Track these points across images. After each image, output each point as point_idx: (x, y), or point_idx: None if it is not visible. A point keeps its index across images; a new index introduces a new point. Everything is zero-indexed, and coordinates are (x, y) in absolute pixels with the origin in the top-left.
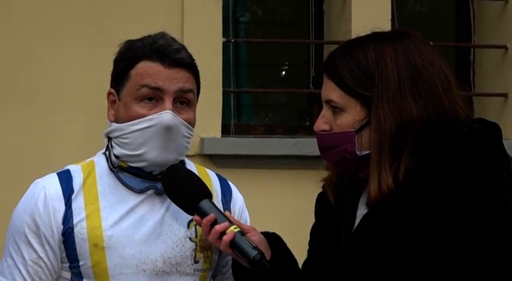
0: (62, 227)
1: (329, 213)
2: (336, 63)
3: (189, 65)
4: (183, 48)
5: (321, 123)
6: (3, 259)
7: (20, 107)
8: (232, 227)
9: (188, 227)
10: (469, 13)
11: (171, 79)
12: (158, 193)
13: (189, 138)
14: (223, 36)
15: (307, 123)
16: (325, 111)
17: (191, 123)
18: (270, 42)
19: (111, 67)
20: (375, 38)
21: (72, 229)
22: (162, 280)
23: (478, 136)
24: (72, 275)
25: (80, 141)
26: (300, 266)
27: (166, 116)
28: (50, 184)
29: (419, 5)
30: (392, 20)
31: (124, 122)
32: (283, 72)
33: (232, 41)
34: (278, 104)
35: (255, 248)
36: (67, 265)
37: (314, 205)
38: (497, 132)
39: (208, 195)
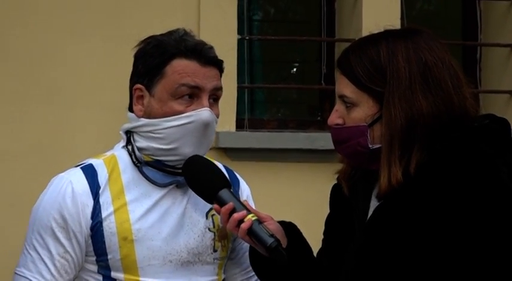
0: (90, 221)
1: (343, 204)
2: (349, 60)
3: (219, 64)
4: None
5: (335, 118)
6: (25, 251)
7: (43, 102)
8: (250, 216)
9: (206, 218)
10: (476, 12)
11: (207, 77)
12: (179, 186)
13: (214, 132)
14: (238, 34)
15: (319, 118)
16: (339, 106)
17: (218, 117)
18: (283, 40)
19: (129, 64)
20: (387, 36)
21: (101, 223)
22: (187, 270)
23: (487, 131)
24: (99, 268)
25: (97, 135)
26: (315, 255)
27: (205, 113)
28: (77, 179)
29: (427, 4)
30: (402, 18)
31: (158, 118)
32: (296, 69)
33: (247, 38)
34: (290, 99)
35: (272, 236)
36: (93, 258)
37: (325, 196)
38: (506, 127)
39: (227, 185)
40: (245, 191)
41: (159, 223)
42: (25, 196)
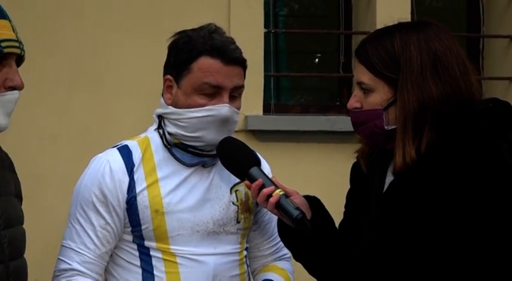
0: (126, 196)
1: (362, 180)
2: (366, 49)
3: (242, 63)
4: (236, 44)
5: (354, 102)
6: (69, 225)
7: (89, 90)
8: (277, 191)
9: (231, 193)
10: (479, 7)
11: (229, 76)
12: (206, 166)
13: (237, 121)
14: (264, 28)
15: (338, 103)
16: (357, 92)
17: (239, 109)
18: (305, 33)
19: (165, 55)
20: (400, 28)
21: (135, 197)
22: (213, 239)
23: (491, 113)
24: (134, 237)
25: (137, 119)
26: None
27: (224, 109)
28: (114, 158)
29: (435, 0)
30: (412, 13)
31: (182, 108)
32: (317, 59)
33: (273, 31)
34: (312, 86)
35: (297, 208)
36: (129, 229)
37: (344, 174)
38: (508, 109)
39: (257, 163)
40: (265, 170)
41: (187, 197)
42: (74, 176)
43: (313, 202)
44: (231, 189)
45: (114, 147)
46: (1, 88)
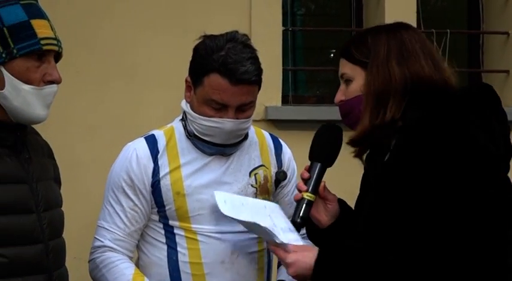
0: (151, 180)
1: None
2: (348, 44)
3: (252, 82)
4: (252, 61)
5: (339, 96)
6: (103, 207)
7: (123, 82)
8: (307, 193)
9: (250, 176)
10: (479, 6)
11: (236, 95)
12: (224, 155)
13: (248, 127)
14: (283, 26)
15: None
16: (342, 86)
17: (250, 117)
18: (320, 30)
19: (191, 52)
20: (376, 27)
21: (159, 181)
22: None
23: (468, 96)
24: (160, 217)
25: (167, 110)
26: None
27: (228, 124)
28: (140, 147)
29: (440, 0)
30: (418, 11)
31: (196, 113)
32: (331, 55)
33: (290, 29)
34: (326, 79)
35: (301, 218)
36: (155, 209)
37: (354, 159)
38: (488, 91)
39: (326, 162)
40: (287, 154)
41: (206, 180)
42: (109, 162)
43: (343, 205)
44: (250, 172)
45: (142, 136)
46: (41, 82)
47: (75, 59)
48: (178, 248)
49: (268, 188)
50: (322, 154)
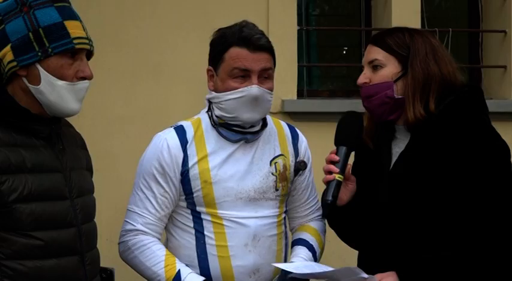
0: (181, 168)
1: (367, 154)
2: (382, 35)
3: (268, 49)
4: (263, 34)
5: (363, 78)
6: (134, 193)
7: (150, 79)
8: (338, 175)
9: (270, 164)
10: (478, 6)
11: (255, 61)
12: (248, 142)
13: (270, 100)
14: (298, 25)
15: None
16: (366, 70)
17: (271, 90)
18: (333, 29)
19: None
20: (407, 28)
21: (188, 170)
22: (254, 204)
23: (474, 93)
24: (188, 203)
25: (191, 104)
26: None
27: (254, 89)
28: (170, 136)
29: (443, 1)
30: (422, 12)
31: (221, 92)
32: (344, 52)
33: (305, 29)
34: (339, 74)
35: (334, 197)
36: (184, 196)
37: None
38: (479, 93)
39: (351, 146)
40: (303, 143)
41: (231, 169)
42: (138, 152)
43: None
44: (271, 161)
45: (171, 127)
46: (74, 78)
47: (107, 57)
48: (205, 232)
49: (287, 176)
50: (348, 138)
